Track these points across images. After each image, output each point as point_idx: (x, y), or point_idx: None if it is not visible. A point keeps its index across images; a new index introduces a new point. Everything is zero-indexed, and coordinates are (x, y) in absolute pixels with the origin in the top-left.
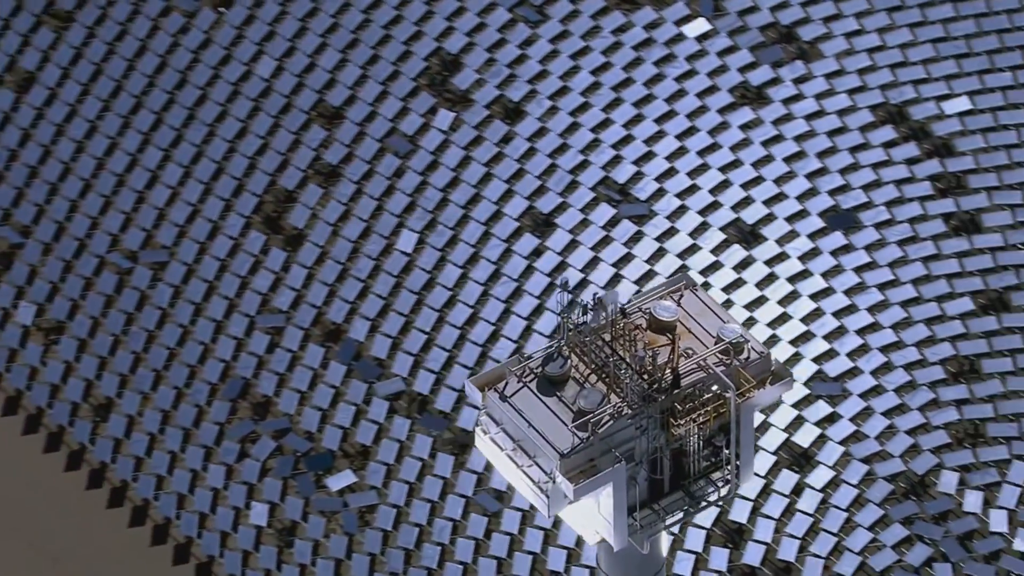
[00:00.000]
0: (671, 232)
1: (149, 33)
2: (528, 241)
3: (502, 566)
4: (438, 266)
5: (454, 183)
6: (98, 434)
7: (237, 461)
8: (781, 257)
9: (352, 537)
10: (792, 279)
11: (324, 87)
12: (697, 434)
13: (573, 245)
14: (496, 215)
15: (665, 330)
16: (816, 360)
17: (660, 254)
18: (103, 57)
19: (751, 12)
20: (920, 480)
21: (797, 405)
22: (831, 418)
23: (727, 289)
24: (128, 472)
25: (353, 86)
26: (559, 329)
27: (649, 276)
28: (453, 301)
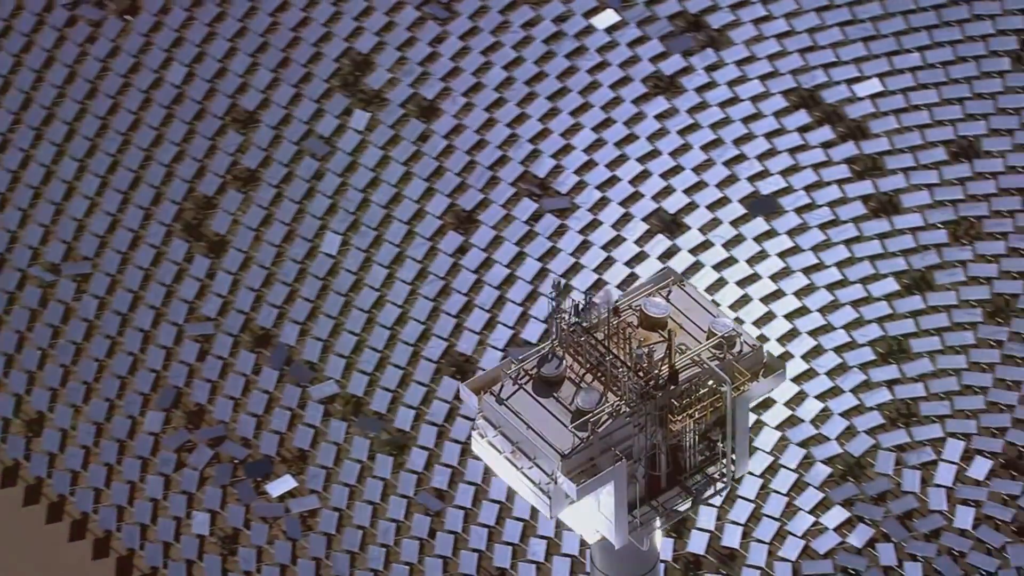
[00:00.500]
0: (594, 224)
1: (56, 44)
2: (452, 239)
3: (448, 565)
4: (364, 267)
5: (374, 183)
6: (32, 449)
7: (175, 471)
8: (705, 245)
9: (296, 542)
10: (717, 267)
11: (236, 91)
12: (693, 429)
13: (498, 241)
14: (418, 214)
15: (656, 327)
16: None
17: (585, 247)
18: (11, 69)
19: (659, 2)
20: (857, 462)
21: None
22: (765, 403)
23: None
24: (65, 486)
25: (266, 90)
26: (553, 330)
27: (575, 269)
28: (381, 301)
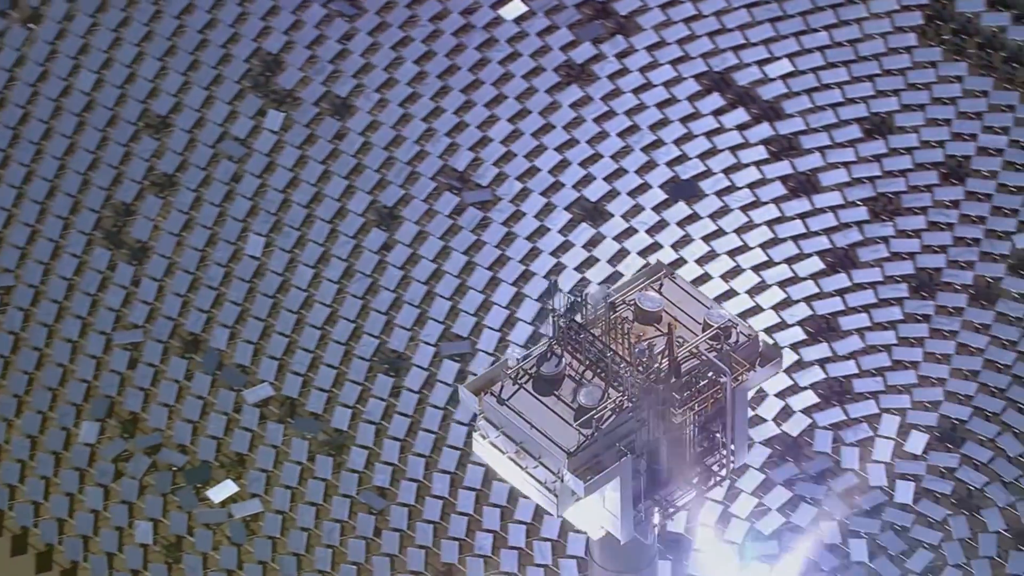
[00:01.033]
0: (517, 216)
1: None
2: (376, 236)
3: (395, 563)
4: (289, 268)
5: (294, 183)
6: None
7: (113, 481)
8: (629, 232)
9: (241, 547)
10: (643, 253)
11: (148, 96)
12: (694, 421)
13: (422, 236)
14: (340, 212)
15: (651, 321)
16: None
17: (509, 238)
18: None
19: None
20: (795, 441)
21: None
22: None
23: (580, 268)
24: (3, 501)
25: (177, 93)
26: (551, 328)
27: (501, 261)
28: (310, 302)
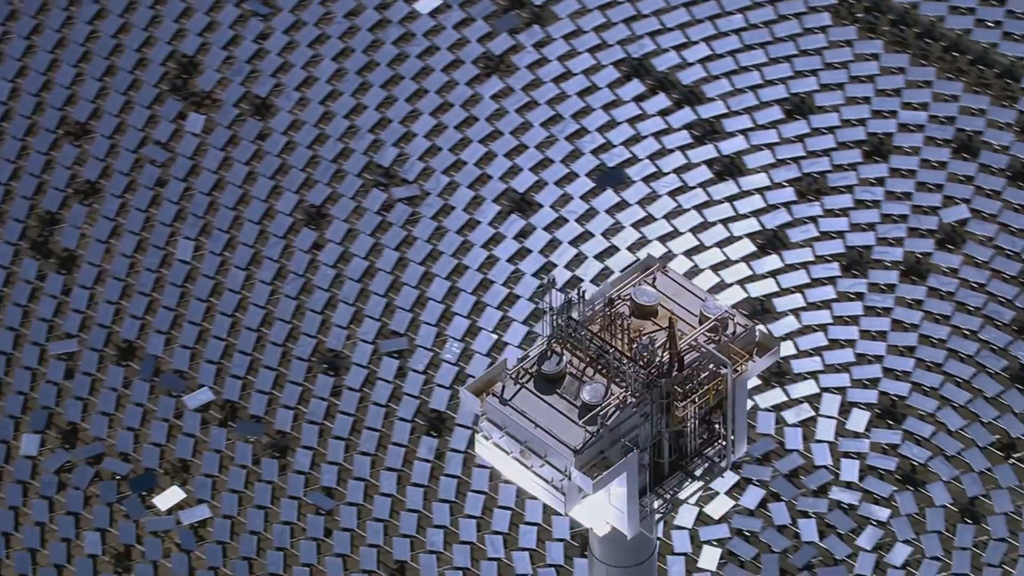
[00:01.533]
0: (446, 210)
1: None
2: (306, 235)
3: (348, 563)
4: (221, 271)
5: (220, 185)
6: None
7: (58, 492)
8: (559, 222)
9: (191, 554)
10: (574, 242)
11: (66, 103)
12: (695, 414)
13: (352, 234)
14: (269, 213)
15: (648, 315)
16: None
17: (440, 233)
18: None
19: None
20: None
21: None
22: None
23: (512, 259)
24: None
25: (95, 99)
26: (550, 327)
27: (434, 256)
28: (244, 304)
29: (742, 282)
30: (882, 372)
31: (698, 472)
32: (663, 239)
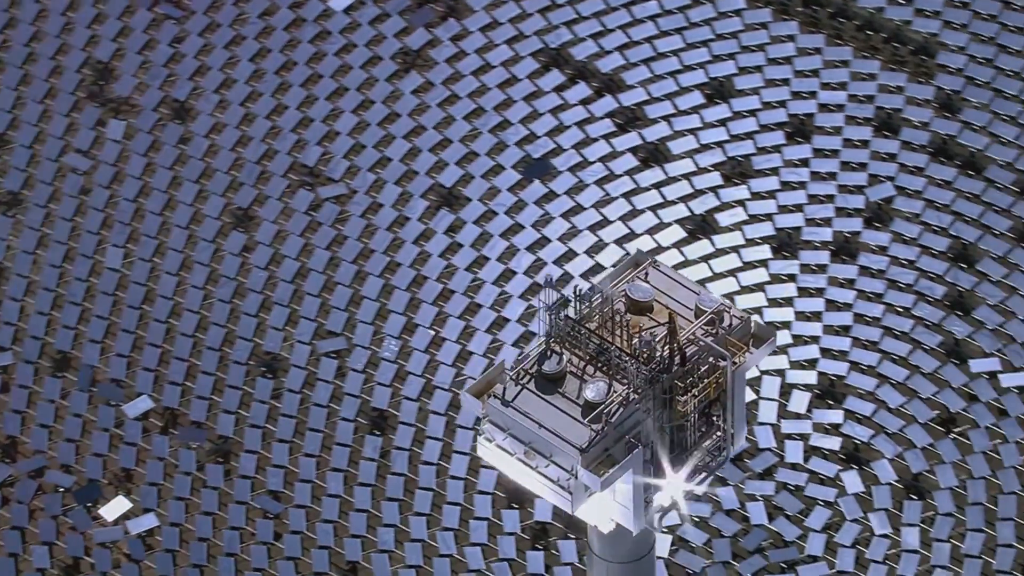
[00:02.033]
0: (375, 207)
1: None
2: (236, 238)
3: (299, 566)
4: (152, 277)
5: (145, 191)
6: None
7: (1, 507)
8: (488, 216)
9: (141, 563)
10: (504, 235)
11: None
12: (695, 407)
13: (282, 235)
14: (196, 217)
15: (644, 311)
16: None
17: (371, 231)
18: None
19: None
20: None
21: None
22: None
23: (444, 255)
24: None
25: (12, 109)
26: (550, 326)
27: (365, 255)
28: (178, 310)
29: (675, 268)
30: (819, 352)
31: (700, 465)
32: (593, 228)
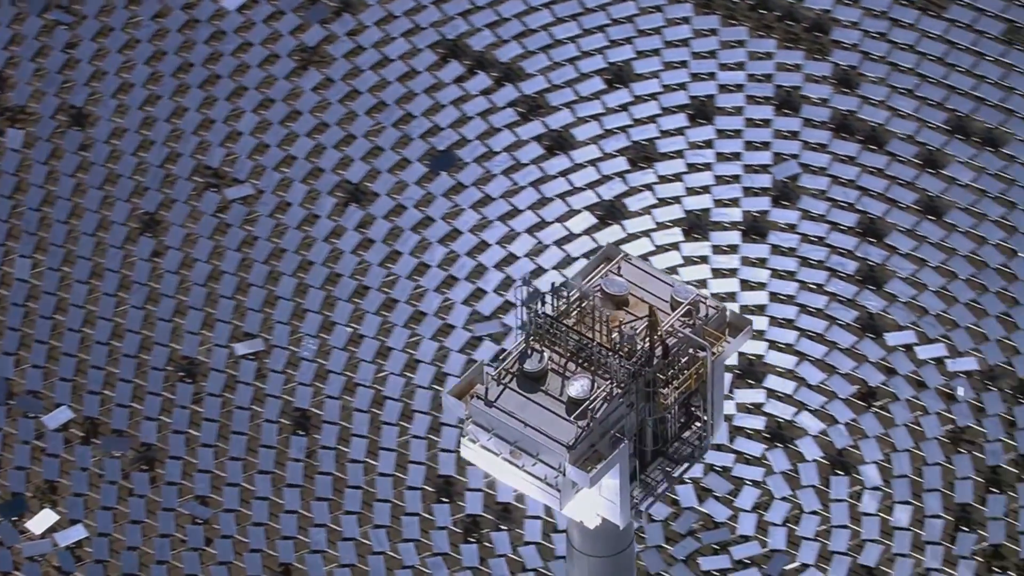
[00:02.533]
0: (283, 207)
1: None
2: (145, 243)
3: (232, 570)
4: (63, 286)
5: (49, 200)
6: None
7: None
8: (398, 211)
9: (72, 575)
10: (415, 228)
11: None
12: (677, 399)
13: (191, 238)
14: (103, 224)
15: (620, 305)
16: (466, 303)
17: (281, 230)
18: None
19: None
20: None
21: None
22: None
23: (356, 251)
24: None
25: None
26: (528, 325)
27: (277, 255)
28: (91, 318)
29: (588, 255)
30: None
31: (681, 456)
32: (503, 219)
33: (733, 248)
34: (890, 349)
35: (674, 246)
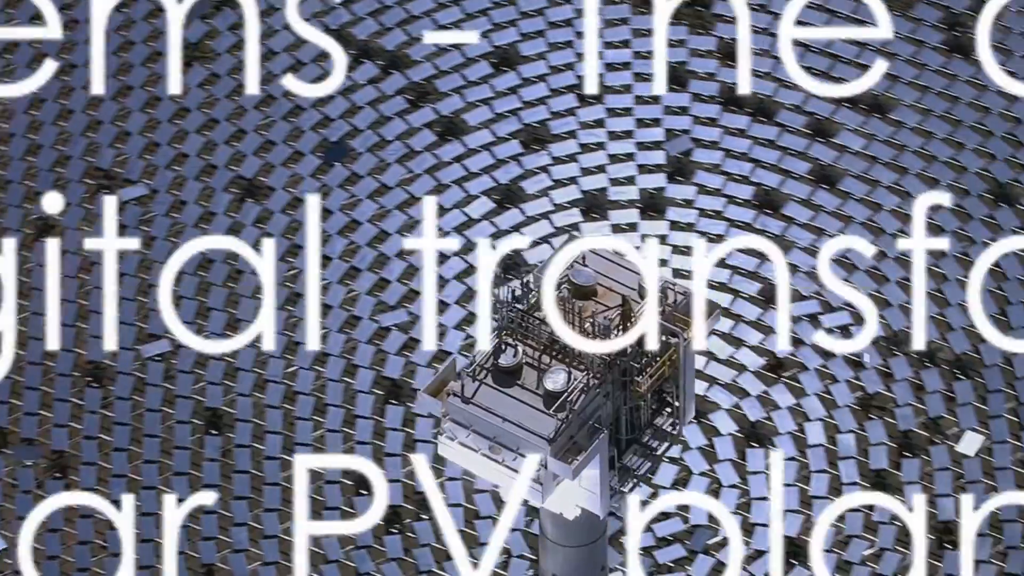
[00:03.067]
0: (178, 206)
1: None
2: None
3: (155, 573)
4: None
5: None
6: None
7: None
8: (295, 204)
9: None
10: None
11: None
12: (651, 387)
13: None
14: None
15: (588, 295)
16: (370, 293)
17: (178, 228)
18: None
19: None
20: None
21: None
22: (439, 358)
23: (256, 247)
24: None
25: None
26: (501, 320)
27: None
28: None
29: (490, 238)
30: None
31: (655, 443)
32: (401, 207)
33: (632, 226)
34: (795, 320)
35: (574, 227)
